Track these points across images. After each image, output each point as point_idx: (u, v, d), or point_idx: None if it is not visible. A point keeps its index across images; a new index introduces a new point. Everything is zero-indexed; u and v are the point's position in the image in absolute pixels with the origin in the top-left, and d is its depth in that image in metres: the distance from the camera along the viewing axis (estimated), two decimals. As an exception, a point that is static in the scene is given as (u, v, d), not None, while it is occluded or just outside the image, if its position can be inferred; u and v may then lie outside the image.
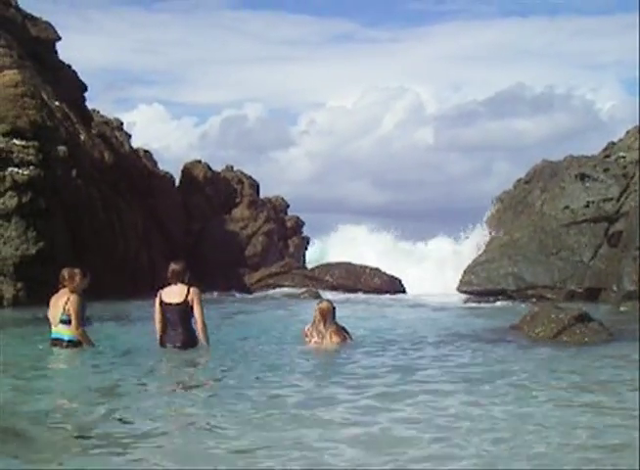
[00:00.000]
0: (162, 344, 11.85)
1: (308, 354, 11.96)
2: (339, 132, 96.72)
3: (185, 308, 11.69)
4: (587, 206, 24.31)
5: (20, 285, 22.70)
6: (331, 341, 12.35)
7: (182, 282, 11.83)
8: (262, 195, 42.69)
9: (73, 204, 25.21)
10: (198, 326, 11.81)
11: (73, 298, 11.92)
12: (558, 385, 9.36)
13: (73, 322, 11.88)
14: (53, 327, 12.08)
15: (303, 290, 27.82)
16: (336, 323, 12.60)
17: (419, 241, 42.22)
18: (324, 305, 12.58)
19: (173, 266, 12.01)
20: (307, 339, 12.56)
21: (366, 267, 30.98)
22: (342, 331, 12.64)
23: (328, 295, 25.11)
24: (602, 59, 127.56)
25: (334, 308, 12.58)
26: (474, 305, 23.33)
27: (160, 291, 11.97)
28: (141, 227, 30.58)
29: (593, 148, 34.39)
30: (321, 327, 12.41)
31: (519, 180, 29.91)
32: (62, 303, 11.92)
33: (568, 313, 14.50)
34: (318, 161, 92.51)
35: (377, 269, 31.00)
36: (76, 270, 12.27)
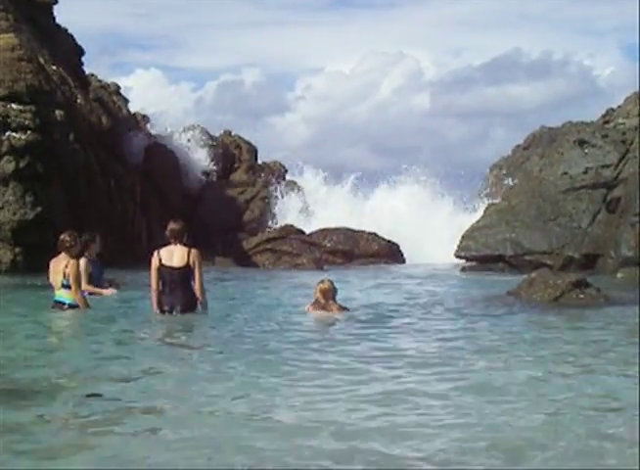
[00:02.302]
0: (161, 308, 11.76)
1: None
2: (336, 98, 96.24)
3: (187, 272, 11.61)
4: (586, 172, 24.28)
5: (17, 250, 22.69)
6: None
7: (181, 242, 11.73)
8: (259, 160, 42.55)
9: (71, 168, 25.13)
10: (196, 290, 11.74)
11: (72, 262, 11.99)
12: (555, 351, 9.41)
13: (73, 286, 11.95)
14: (56, 290, 12.18)
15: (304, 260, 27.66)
16: (336, 302, 12.62)
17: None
18: (325, 284, 12.54)
19: (172, 225, 11.84)
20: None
21: (364, 232, 30.95)
22: (344, 309, 12.67)
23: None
24: (601, 24, 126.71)
25: (335, 288, 12.59)
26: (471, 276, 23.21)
27: (158, 251, 11.76)
28: (138, 192, 30.51)
29: (591, 114, 34.27)
30: (323, 305, 12.44)
31: (517, 146, 29.87)
32: (62, 267, 11.98)
33: (565, 279, 14.56)
34: (315, 126, 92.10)
35: (374, 234, 30.96)
36: (76, 234, 12.34)
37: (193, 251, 11.65)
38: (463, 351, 9.22)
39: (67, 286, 12.01)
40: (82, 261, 14.18)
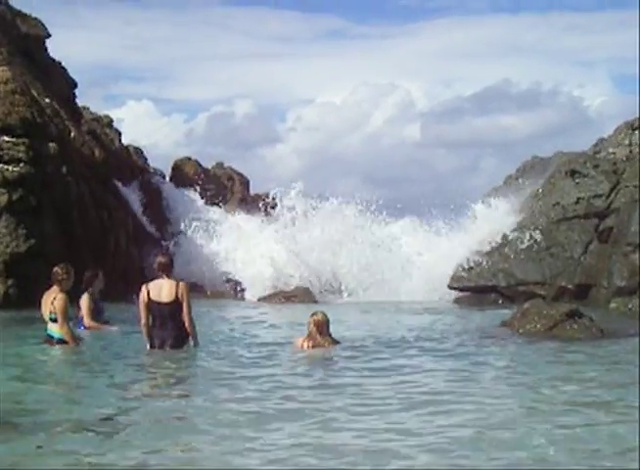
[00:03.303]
0: (151, 343, 11.69)
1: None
2: (327, 128, 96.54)
3: (176, 306, 11.53)
4: (577, 202, 24.33)
5: (10, 282, 22.62)
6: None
7: (169, 276, 11.72)
8: (251, 192, 42.62)
9: (64, 201, 25.12)
10: (186, 323, 11.64)
11: (60, 296, 11.95)
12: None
13: (59, 321, 11.90)
14: (48, 324, 12.15)
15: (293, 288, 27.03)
16: (330, 335, 12.37)
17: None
18: (319, 316, 12.22)
19: (160, 259, 11.92)
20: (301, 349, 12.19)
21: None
22: (336, 343, 12.45)
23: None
24: (591, 55, 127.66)
25: (328, 320, 12.30)
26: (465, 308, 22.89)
27: (147, 285, 11.73)
28: (131, 225, 30.49)
29: (581, 144, 34.32)
30: (318, 339, 12.11)
31: (509, 176, 29.91)
32: (50, 301, 11.95)
33: (558, 309, 14.57)
34: (306, 157, 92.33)
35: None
36: (70, 268, 12.30)
37: (181, 284, 11.62)
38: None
39: (54, 320, 11.97)
40: (85, 297, 14.21)
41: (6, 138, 23.99)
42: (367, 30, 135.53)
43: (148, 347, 11.63)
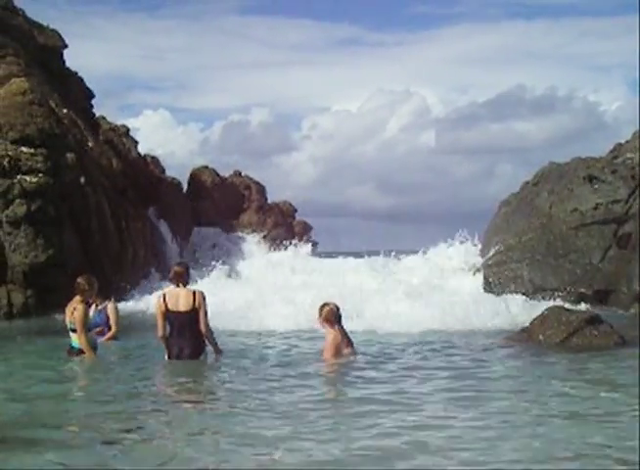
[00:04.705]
0: (169, 354, 11.68)
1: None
2: (343, 136, 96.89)
3: (193, 315, 11.54)
4: (596, 208, 24.23)
5: (29, 292, 22.74)
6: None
7: (185, 285, 11.74)
8: (268, 200, 42.73)
9: (82, 211, 25.25)
10: (203, 332, 11.61)
11: (79, 307, 11.97)
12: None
13: (78, 331, 11.93)
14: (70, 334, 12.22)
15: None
16: (342, 327, 12.29)
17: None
18: (330, 306, 12.14)
19: (176, 268, 11.94)
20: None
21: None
22: (346, 337, 12.38)
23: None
24: (606, 60, 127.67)
25: (338, 310, 12.20)
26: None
27: (164, 295, 11.76)
28: (149, 234, 30.61)
29: (598, 150, 34.12)
30: (328, 330, 12.07)
31: (526, 182, 29.81)
32: (71, 311, 11.99)
33: (578, 316, 14.49)
34: (321, 165, 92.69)
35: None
36: (92, 278, 12.35)
37: (197, 293, 11.62)
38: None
39: (74, 330, 12.02)
40: (111, 305, 14.27)
41: (24, 149, 24.13)
42: (382, 38, 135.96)
43: (166, 357, 11.62)
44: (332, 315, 12.07)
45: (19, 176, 23.58)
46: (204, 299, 11.58)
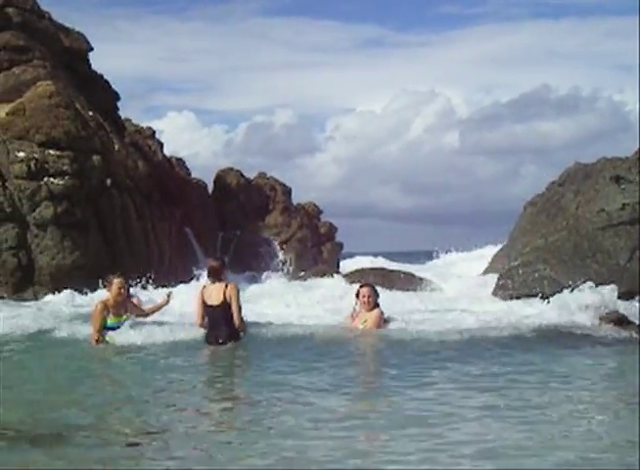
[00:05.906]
0: (208, 341, 12.05)
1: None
2: (367, 137, 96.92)
3: (225, 308, 11.93)
4: (623, 208, 24.05)
5: (56, 294, 22.86)
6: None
7: (219, 280, 12.02)
8: (293, 201, 42.73)
9: (108, 213, 25.38)
10: (236, 324, 11.90)
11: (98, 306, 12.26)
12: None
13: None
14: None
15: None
16: (378, 305, 12.56)
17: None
18: (365, 288, 12.63)
19: (211, 263, 12.40)
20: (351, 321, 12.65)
21: (400, 273, 30.80)
22: (382, 317, 12.62)
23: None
24: (633, 60, 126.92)
25: (375, 291, 12.66)
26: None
27: (203, 289, 12.25)
28: (175, 236, 30.71)
29: (624, 149, 33.89)
30: (364, 311, 12.48)
31: (552, 183, 29.66)
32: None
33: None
34: (346, 166, 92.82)
35: (411, 274, 30.80)
36: (123, 281, 12.52)
37: (229, 286, 12.04)
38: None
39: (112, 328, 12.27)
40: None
41: (51, 151, 24.30)
42: (406, 38, 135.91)
43: (206, 343, 12.02)
44: (373, 294, 12.55)
45: (45, 179, 23.76)
46: (235, 291, 11.89)
